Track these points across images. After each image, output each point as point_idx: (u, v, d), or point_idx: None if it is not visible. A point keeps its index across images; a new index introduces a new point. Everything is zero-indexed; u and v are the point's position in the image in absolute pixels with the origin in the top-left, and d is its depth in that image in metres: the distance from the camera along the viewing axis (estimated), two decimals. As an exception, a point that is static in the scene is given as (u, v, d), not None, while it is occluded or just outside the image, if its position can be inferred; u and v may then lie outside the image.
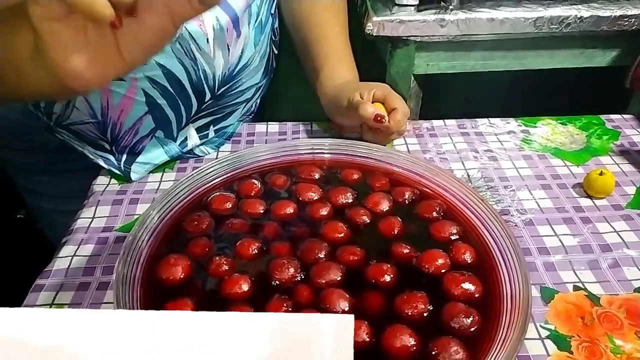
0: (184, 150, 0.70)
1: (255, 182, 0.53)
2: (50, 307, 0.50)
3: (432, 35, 0.89)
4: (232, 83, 0.69)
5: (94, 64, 0.44)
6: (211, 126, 0.72)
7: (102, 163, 0.68)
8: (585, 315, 0.49)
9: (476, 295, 0.42)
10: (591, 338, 0.47)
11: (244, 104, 0.75)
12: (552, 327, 0.48)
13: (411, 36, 0.89)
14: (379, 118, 0.66)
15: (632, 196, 0.64)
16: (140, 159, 0.68)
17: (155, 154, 0.69)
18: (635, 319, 0.49)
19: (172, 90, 0.64)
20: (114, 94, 0.62)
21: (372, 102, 0.69)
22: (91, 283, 0.53)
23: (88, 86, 0.44)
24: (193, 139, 0.71)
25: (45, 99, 0.61)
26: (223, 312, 0.39)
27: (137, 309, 0.39)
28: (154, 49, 0.44)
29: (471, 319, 0.39)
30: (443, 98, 1.02)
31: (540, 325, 0.49)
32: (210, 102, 0.68)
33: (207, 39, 0.63)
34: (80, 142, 0.68)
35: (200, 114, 0.69)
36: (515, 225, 0.60)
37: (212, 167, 0.53)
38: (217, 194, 0.51)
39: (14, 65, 0.45)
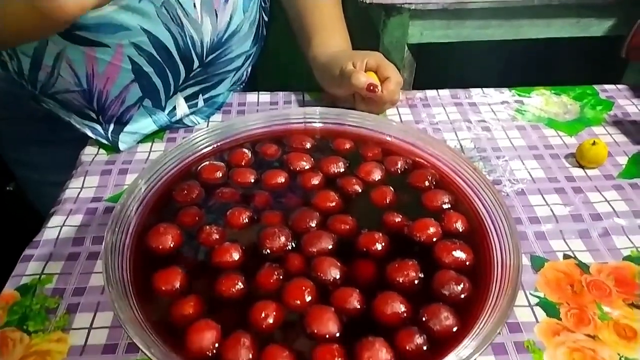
0: (173, 119, 0.69)
1: (246, 151, 0.52)
2: (40, 277, 0.50)
3: (427, 3, 0.87)
4: (220, 50, 0.68)
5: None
6: (200, 95, 0.71)
7: (89, 133, 0.67)
8: (575, 283, 0.50)
9: (467, 263, 0.42)
10: (580, 305, 0.48)
11: (234, 72, 0.73)
12: (542, 295, 0.49)
13: (405, 4, 0.87)
14: (371, 87, 0.65)
15: (623, 166, 0.64)
16: (128, 128, 0.67)
17: (144, 124, 0.67)
18: (624, 287, 0.50)
19: (158, 58, 0.62)
20: (99, 62, 0.60)
21: (365, 71, 0.67)
22: (81, 253, 0.53)
23: (67, 12, 0.43)
24: (182, 108, 0.69)
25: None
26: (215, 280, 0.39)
27: (127, 278, 0.39)
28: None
29: (462, 286, 0.40)
30: (437, 68, 1.00)
31: (530, 293, 0.49)
32: (198, 70, 0.67)
33: (194, 4, 0.61)
34: (67, 111, 0.67)
35: (188, 83, 0.68)
36: (507, 195, 0.60)
37: (201, 136, 0.52)
38: (207, 163, 0.51)
39: None
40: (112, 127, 0.66)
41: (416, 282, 0.40)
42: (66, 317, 0.46)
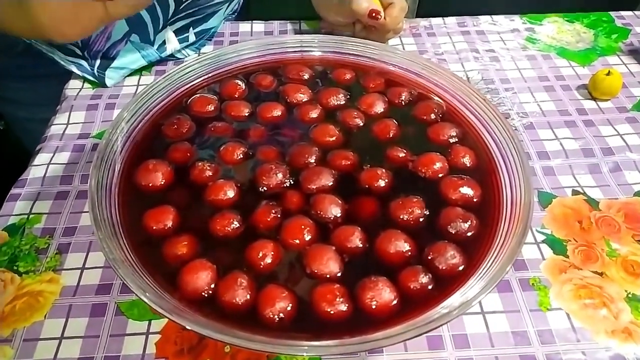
0: (163, 55, 0.65)
1: (239, 82, 0.49)
2: (28, 217, 0.48)
3: None
4: None
5: (79, 23, 0.45)
6: (191, 28, 0.66)
7: (74, 69, 0.63)
8: (583, 220, 0.48)
9: (475, 200, 0.40)
10: (588, 242, 0.46)
11: (227, 3, 0.68)
12: (549, 232, 0.47)
13: None
14: (373, 14, 0.60)
15: (638, 98, 0.61)
16: (115, 63, 0.63)
17: (132, 59, 0.63)
18: (634, 223, 0.48)
19: None
20: None
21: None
22: (70, 192, 0.50)
23: (68, 39, 0.47)
24: (172, 43, 0.65)
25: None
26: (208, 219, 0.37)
27: (116, 218, 0.37)
28: (140, 7, 0.47)
29: (468, 223, 0.38)
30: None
31: (537, 230, 0.47)
32: (188, 1, 0.62)
33: None
34: (49, 46, 0.62)
35: (178, 16, 0.63)
36: (516, 129, 0.57)
37: (191, 66, 0.48)
38: (198, 95, 0.47)
39: None
40: (98, 62, 0.62)
41: (421, 219, 0.38)
42: (57, 257, 0.45)
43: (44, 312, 0.41)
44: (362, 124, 0.46)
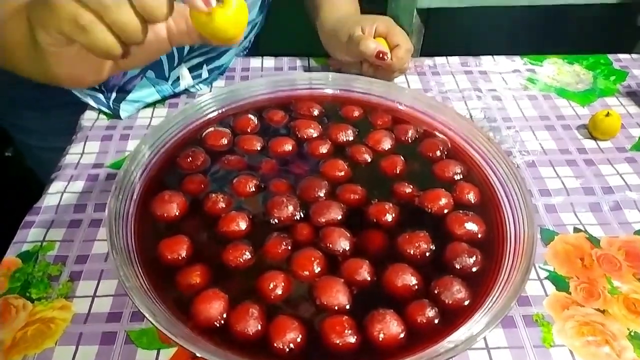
0: (177, 90, 0.67)
1: (252, 117, 0.51)
2: (42, 244, 0.49)
3: (438, -34, 0.84)
4: None
5: (91, 73, 0.46)
6: (204, 65, 0.68)
7: (91, 102, 0.65)
8: (585, 257, 0.49)
9: (479, 236, 0.41)
10: (590, 279, 0.47)
11: (239, 42, 0.71)
12: (551, 268, 0.48)
13: (415, -34, 0.84)
14: (381, 55, 0.63)
15: (637, 138, 0.63)
16: (130, 97, 0.65)
17: (146, 93, 0.65)
18: (635, 261, 0.49)
19: None
20: None
21: (374, 37, 0.65)
22: (83, 220, 0.52)
23: (80, 87, 0.51)
24: (186, 79, 0.67)
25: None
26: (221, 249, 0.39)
27: (132, 246, 0.38)
28: (150, 60, 0.48)
29: (474, 258, 0.39)
30: (446, 34, 0.97)
31: (539, 266, 0.48)
32: None
33: None
34: None
35: (193, 54, 0.65)
36: (518, 167, 0.59)
37: (206, 101, 0.50)
38: (212, 129, 0.49)
39: (9, 45, 0.46)
40: (114, 95, 0.64)
41: (427, 254, 0.39)
42: (69, 285, 0.46)
43: (55, 338, 0.42)
44: (370, 160, 0.47)
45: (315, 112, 0.52)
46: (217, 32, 0.39)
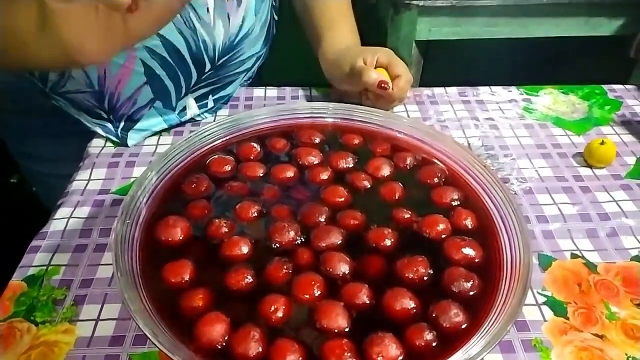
0: (183, 119, 0.69)
1: (255, 145, 0.52)
2: (47, 268, 0.50)
3: (436, 0, 0.87)
4: (232, 53, 0.67)
5: (101, 40, 0.45)
6: (210, 95, 0.71)
7: (99, 131, 0.67)
8: (582, 282, 0.50)
9: (476, 261, 0.42)
10: (587, 304, 0.48)
11: (244, 73, 0.73)
12: (549, 294, 0.49)
13: (414, 0, 0.87)
14: (382, 85, 0.64)
15: (632, 166, 0.64)
16: (138, 126, 0.67)
17: (154, 122, 0.67)
18: (632, 287, 0.49)
19: (171, 61, 0.62)
20: (111, 64, 0.60)
21: (375, 68, 0.67)
22: (88, 245, 0.53)
23: (93, 60, 0.46)
24: (192, 108, 0.69)
25: (49, 70, 0.60)
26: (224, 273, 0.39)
27: (136, 270, 0.39)
28: (160, 24, 0.46)
29: (471, 283, 0.39)
30: (444, 65, 1.00)
31: (537, 292, 0.49)
32: (210, 72, 0.67)
33: (207, 8, 0.61)
34: (77, 110, 0.67)
35: (199, 85, 0.68)
36: (515, 194, 0.60)
37: (210, 129, 0.51)
38: (216, 156, 0.50)
39: (18, 36, 0.45)
40: (122, 124, 0.66)
41: (425, 278, 0.40)
42: (73, 309, 0.46)
43: (58, 362, 0.42)
44: (369, 186, 0.49)
45: (317, 140, 0.54)
46: None
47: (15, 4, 0.43)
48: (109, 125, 0.66)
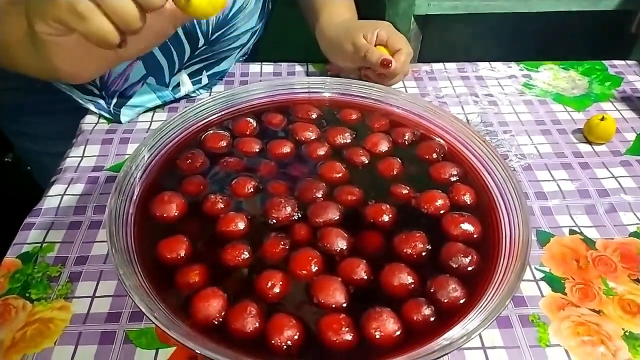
0: (177, 96, 0.68)
1: (251, 120, 0.51)
2: (41, 245, 0.50)
3: (435, -27, 0.85)
4: (226, 28, 0.66)
5: (92, 66, 0.45)
6: (204, 71, 0.69)
7: (92, 107, 0.65)
8: (580, 259, 0.50)
9: (475, 236, 0.41)
10: (585, 280, 0.48)
11: (239, 49, 0.72)
12: (547, 270, 0.49)
13: (413, -27, 0.85)
14: (385, 62, 0.63)
15: (631, 142, 0.64)
16: (131, 102, 0.65)
17: (147, 99, 0.66)
18: (629, 262, 0.49)
19: None
20: None
21: (375, 44, 0.66)
22: (82, 222, 0.52)
23: (82, 81, 0.49)
24: (186, 85, 0.68)
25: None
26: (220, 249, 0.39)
27: (132, 246, 0.38)
28: (152, 47, 0.48)
29: (469, 258, 0.39)
30: (443, 41, 0.98)
31: (535, 268, 0.49)
32: (203, 48, 0.65)
33: None
34: (68, 86, 0.65)
35: (193, 60, 0.66)
36: (514, 170, 0.59)
37: (205, 104, 0.51)
38: (212, 132, 0.50)
39: (3, 46, 0.44)
40: (115, 100, 0.65)
41: (423, 253, 0.40)
42: (68, 286, 0.46)
43: (54, 339, 0.42)
44: (367, 162, 0.48)
45: (314, 116, 0.53)
46: (195, 13, 0.40)
47: (7, 20, 0.45)
48: (101, 101, 0.65)
